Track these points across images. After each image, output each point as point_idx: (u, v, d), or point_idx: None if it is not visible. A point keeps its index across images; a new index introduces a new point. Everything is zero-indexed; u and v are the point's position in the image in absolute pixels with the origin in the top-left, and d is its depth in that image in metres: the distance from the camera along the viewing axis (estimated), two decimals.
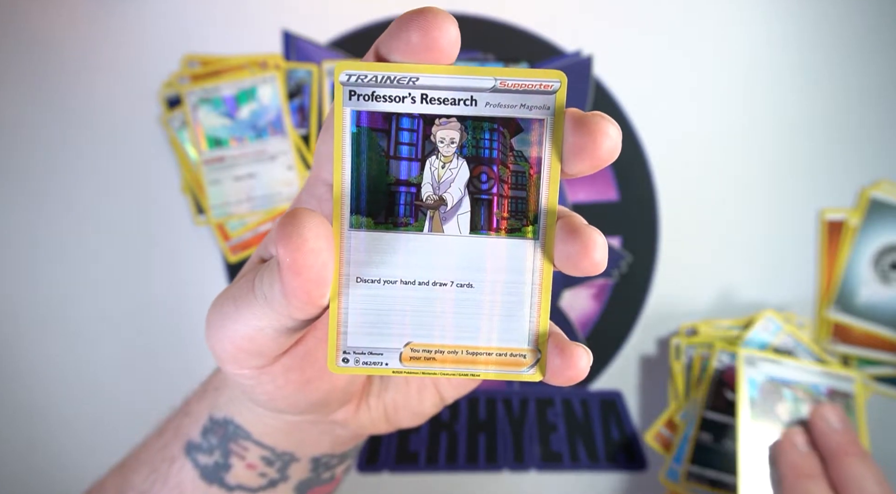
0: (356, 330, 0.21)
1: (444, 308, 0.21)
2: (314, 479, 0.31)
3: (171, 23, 0.54)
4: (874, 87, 0.54)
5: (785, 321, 0.51)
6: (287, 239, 0.18)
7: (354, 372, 0.21)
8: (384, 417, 0.29)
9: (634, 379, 0.54)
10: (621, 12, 0.55)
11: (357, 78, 0.19)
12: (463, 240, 0.20)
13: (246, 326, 0.21)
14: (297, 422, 0.28)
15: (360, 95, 0.20)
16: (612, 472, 0.53)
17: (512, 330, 0.21)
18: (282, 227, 0.18)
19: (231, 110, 0.53)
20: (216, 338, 0.23)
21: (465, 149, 0.20)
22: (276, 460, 0.29)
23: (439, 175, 0.20)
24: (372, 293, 0.20)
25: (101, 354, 0.53)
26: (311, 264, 0.18)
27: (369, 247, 0.20)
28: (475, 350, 0.21)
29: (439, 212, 0.20)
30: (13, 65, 0.53)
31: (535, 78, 0.20)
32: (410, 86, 0.19)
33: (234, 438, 0.29)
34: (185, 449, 0.30)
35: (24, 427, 0.53)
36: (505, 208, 0.20)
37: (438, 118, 0.20)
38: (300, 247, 0.18)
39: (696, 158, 0.55)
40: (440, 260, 0.20)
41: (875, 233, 0.53)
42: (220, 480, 0.29)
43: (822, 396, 0.48)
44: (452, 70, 0.19)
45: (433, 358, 0.21)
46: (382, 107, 0.20)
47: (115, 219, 0.53)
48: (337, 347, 0.21)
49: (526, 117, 0.20)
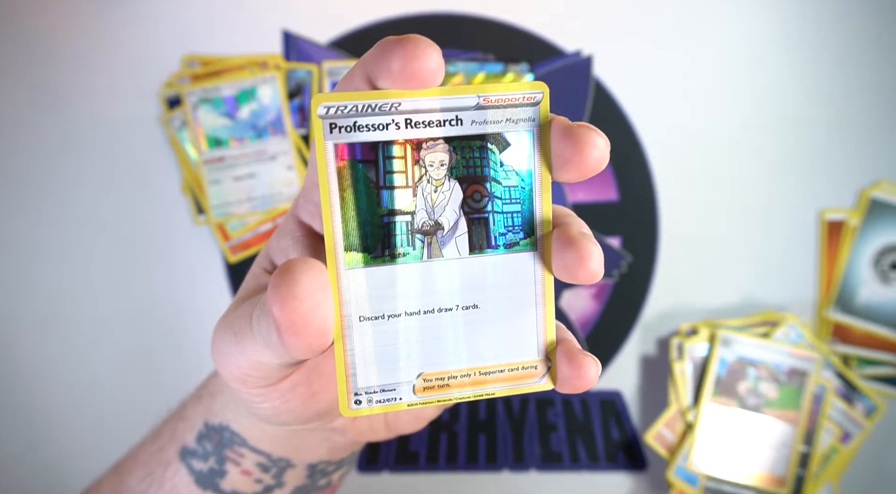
0: (365, 371, 0.20)
1: (451, 333, 0.20)
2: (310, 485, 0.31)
3: (171, 23, 0.54)
4: (874, 87, 0.54)
5: (802, 326, 0.51)
6: (281, 300, 0.17)
7: (369, 412, 0.20)
8: (384, 423, 0.29)
9: (634, 379, 0.54)
10: (621, 13, 0.55)
11: (336, 109, 0.19)
12: (463, 261, 0.20)
13: (249, 360, 0.21)
14: (295, 430, 0.28)
15: (342, 127, 0.19)
16: (612, 472, 0.53)
17: (520, 343, 0.21)
18: (275, 288, 0.17)
19: (231, 110, 0.53)
20: (221, 364, 0.22)
21: (456, 170, 0.20)
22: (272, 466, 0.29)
23: (432, 199, 0.20)
24: (376, 329, 0.20)
25: (101, 354, 0.53)
26: (308, 322, 0.18)
27: (368, 284, 0.19)
28: (487, 370, 0.21)
29: (436, 238, 0.20)
30: (13, 65, 0.53)
31: (517, 91, 0.19)
32: (393, 112, 0.19)
33: (230, 444, 0.28)
34: (179, 454, 0.30)
35: (24, 427, 0.53)
36: (502, 224, 0.20)
37: (425, 142, 0.19)
38: (296, 308, 0.17)
39: (696, 158, 0.55)
40: (442, 286, 0.20)
41: (875, 233, 0.53)
42: (215, 486, 0.29)
43: (782, 374, 0.49)
44: (435, 92, 0.19)
45: (447, 385, 0.20)
46: (366, 136, 0.19)
47: (115, 219, 0.53)
48: (347, 391, 0.20)
49: (513, 131, 0.20)
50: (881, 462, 0.52)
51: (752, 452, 0.49)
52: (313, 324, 0.18)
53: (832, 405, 0.50)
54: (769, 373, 0.49)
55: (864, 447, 0.52)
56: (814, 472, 0.50)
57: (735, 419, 0.49)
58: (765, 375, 0.49)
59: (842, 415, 0.51)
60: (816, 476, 0.50)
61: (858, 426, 0.51)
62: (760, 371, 0.49)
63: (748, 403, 0.49)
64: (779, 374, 0.49)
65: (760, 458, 0.49)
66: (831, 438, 0.50)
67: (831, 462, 0.50)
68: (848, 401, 0.51)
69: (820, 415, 0.50)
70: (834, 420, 0.50)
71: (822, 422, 0.50)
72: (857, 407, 0.51)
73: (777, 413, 0.49)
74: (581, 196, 0.54)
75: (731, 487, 0.49)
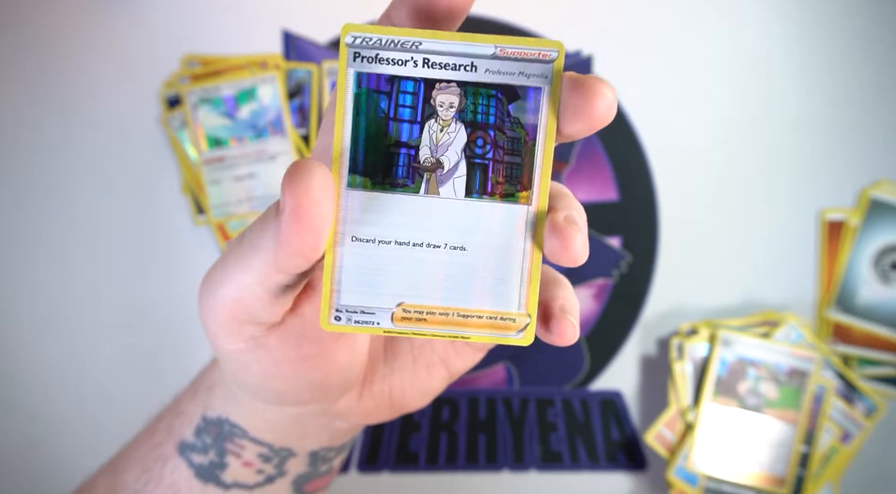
0: (349, 289, 0.21)
1: (436, 269, 0.21)
2: (312, 473, 0.31)
3: (171, 23, 0.54)
4: (874, 87, 0.54)
5: (802, 326, 0.51)
6: (295, 183, 0.18)
7: (346, 330, 0.21)
8: (389, 402, 0.29)
9: (634, 379, 0.54)
10: (621, 12, 0.55)
11: (362, 40, 0.20)
12: (458, 202, 0.21)
13: (234, 286, 0.21)
14: (296, 416, 0.27)
15: (365, 57, 0.20)
16: (612, 472, 0.53)
17: (503, 294, 0.21)
18: (291, 174, 0.18)
19: (231, 110, 0.53)
20: (206, 308, 0.23)
21: (464, 113, 0.20)
22: (274, 456, 0.29)
23: (437, 138, 0.20)
24: (366, 252, 0.20)
25: (101, 354, 0.53)
26: (313, 212, 0.18)
27: (365, 207, 0.20)
28: (466, 312, 0.21)
29: (436, 175, 0.21)
30: (14, 65, 0.53)
31: (534, 46, 0.20)
32: (413, 50, 0.20)
33: (230, 436, 0.28)
34: (178, 449, 0.29)
35: (24, 427, 0.53)
36: (500, 173, 0.21)
37: (439, 82, 0.20)
38: (306, 192, 0.18)
39: (695, 158, 0.55)
40: (435, 223, 0.21)
41: (875, 233, 0.53)
42: (216, 479, 0.29)
43: (782, 374, 0.49)
44: (455, 36, 0.20)
45: (424, 319, 0.21)
46: (385, 69, 0.20)
47: (115, 219, 0.53)
48: (330, 305, 0.21)
49: (524, 85, 0.20)
50: (881, 462, 0.52)
51: (752, 452, 0.49)
52: (315, 217, 0.18)
53: (832, 405, 0.50)
54: (769, 373, 0.49)
55: (864, 447, 0.52)
56: (814, 472, 0.50)
57: (735, 419, 0.49)
58: (765, 375, 0.49)
59: (842, 415, 0.51)
60: (816, 477, 0.50)
61: (859, 426, 0.51)
62: (761, 371, 0.49)
63: (748, 403, 0.49)
64: (779, 374, 0.49)
65: (760, 458, 0.49)
66: (831, 438, 0.50)
67: (831, 463, 0.50)
68: (848, 401, 0.51)
69: (820, 415, 0.50)
70: (834, 421, 0.50)
71: (822, 422, 0.50)
72: (858, 407, 0.51)
73: (777, 414, 0.49)
74: (581, 196, 0.54)
75: (731, 487, 0.49)
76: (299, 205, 0.18)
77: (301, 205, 0.18)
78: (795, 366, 0.49)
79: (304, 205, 0.18)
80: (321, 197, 0.18)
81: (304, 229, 0.18)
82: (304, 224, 0.18)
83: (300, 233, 0.18)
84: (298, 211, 0.18)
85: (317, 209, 0.18)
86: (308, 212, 0.18)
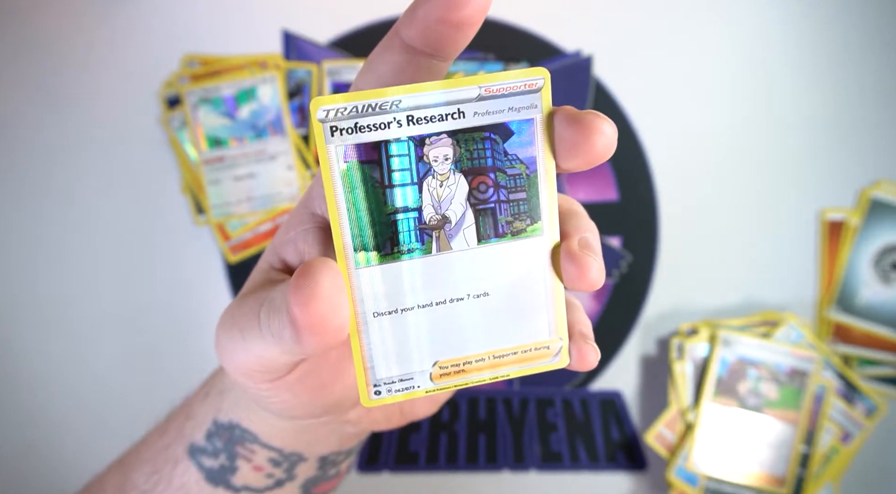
0: (382, 363, 0.20)
1: (464, 321, 0.20)
2: (321, 476, 0.31)
3: (171, 23, 0.54)
4: (874, 87, 0.54)
5: (802, 326, 0.51)
6: (304, 303, 0.18)
7: (390, 401, 0.21)
8: (398, 410, 0.29)
9: (634, 379, 0.54)
10: (621, 12, 0.55)
11: (336, 112, 0.18)
12: (472, 252, 0.20)
13: (256, 356, 0.21)
14: (307, 424, 0.28)
15: (342, 130, 0.19)
16: (612, 472, 0.53)
17: (532, 325, 0.21)
18: (297, 289, 0.18)
19: (231, 110, 0.53)
20: (227, 360, 0.22)
21: (460, 163, 0.20)
22: (284, 461, 0.29)
23: (438, 194, 0.20)
24: (391, 324, 0.20)
25: (102, 354, 0.53)
26: (328, 322, 0.18)
27: (380, 281, 0.20)
28: (501, 353, 0.21)
29: (444, 231, 0.20)
30: (14, 64, 0.53)
31: (518, 78, 0.19)
32: (394, 109, 0.19)
33: (241, 441, 0.28)
34: (188, 452, 0.29)
35: (24, 427, 0.53)
36: (508, 212, 0.20)
37: (429, 137, 0.19)
38: (317, 308, 0.18)
39: (696, 158, 0.55)
40: (453, 277, 0.20)
41: (875, 233, 0.53)
42: (226, 482, 0.29)
43: (782, 374, 0.49)
44: (435, 85, 0.19)
45: (462, 371, 0.21)
46: (368, 137, 0.19)
47: (115, 219, 0.53)
48: (367, 383, 0.20)
49: (515, 119, 0.20)
50: (882, 462, 0.52)
51: (752, 452, 0.49)
52: (333, 324, 0.18)
53: (833, 405, 0.50)
54: (770, 373, 0.49)
55: (864, 447, 0.52)
56: (814, 472, 0.50)
57: (735, 419, 0.49)
58: (765, 375, 0.49)
59: (842, 415, 0.50)
60: (817, 477, 0.50)
61: (859, 426, 0.50)
62: (761, 371, 0.49)
63: (748, 403, 0.49)
64: (779, 374, 0.49)
65: (761, 458, 0.49)
66: (832, 438, 0.50)
67: (832, 463, 0.50)
68: (848, 401, 0.51)
69: (820, 415, 0.50)
70: (834, 421, 0.50)
71: (822, 422, 0.50)
72: (858, 407, 0.51)
73: (777, 414, 0.49)
74: (581, 196, 0.54)
75: (732, 487, 0.49)
76: (311, 324, 0.18)
77: (313, 323, 0.18)
78: (796, 366, 0.49)
79: (315, 322, 0.18)
80: (336, 302, 0.18)
81: (322, 338, 0.18)
82: (319, 335, 0.18)
83: (320, 340, 0.18)
84: (311, 328, 0.18)
85: (332, 316, 0.18)
86: (321, 325, 0.18)
